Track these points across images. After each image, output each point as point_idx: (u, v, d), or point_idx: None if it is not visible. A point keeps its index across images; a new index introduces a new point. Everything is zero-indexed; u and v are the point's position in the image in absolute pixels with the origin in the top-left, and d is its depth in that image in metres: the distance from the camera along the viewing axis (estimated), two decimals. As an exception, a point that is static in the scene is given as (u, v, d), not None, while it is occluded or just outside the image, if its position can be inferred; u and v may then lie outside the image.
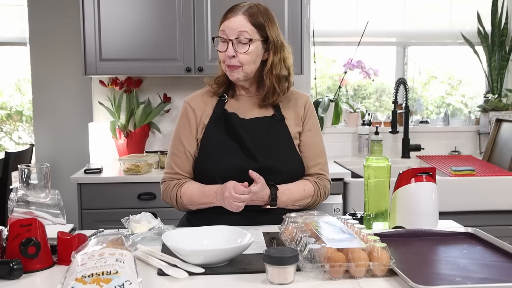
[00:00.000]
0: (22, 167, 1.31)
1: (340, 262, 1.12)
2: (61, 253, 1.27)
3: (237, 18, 1.58)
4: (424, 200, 1.52)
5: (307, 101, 1.75)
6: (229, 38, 1.58)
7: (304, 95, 1.77)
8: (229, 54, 1.58)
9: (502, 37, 3.36)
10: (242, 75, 1.61)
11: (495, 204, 2.62)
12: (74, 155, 3.32)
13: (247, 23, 1.58)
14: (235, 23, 1.57)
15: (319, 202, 1.71)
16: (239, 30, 1.57)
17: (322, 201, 1.72)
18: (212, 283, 1.13)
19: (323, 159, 1.74)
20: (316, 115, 1.76)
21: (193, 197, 1.61)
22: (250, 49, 1.58)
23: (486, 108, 3.31)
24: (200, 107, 1.69)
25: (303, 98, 1.75)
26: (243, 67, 1.60)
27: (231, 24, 1.58)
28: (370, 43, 3.39)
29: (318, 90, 3.40)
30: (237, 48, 1.58)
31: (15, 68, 4.35)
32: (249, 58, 1.59)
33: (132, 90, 3.09)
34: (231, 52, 1.58)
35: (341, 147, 3.34)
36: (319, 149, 1.73)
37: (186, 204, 1.63)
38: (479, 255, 1.31)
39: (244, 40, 1.57)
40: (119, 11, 2.78)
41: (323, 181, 1.71)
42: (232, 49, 1.57)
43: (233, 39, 1.57)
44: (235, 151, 1.61)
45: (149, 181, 2.60)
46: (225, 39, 1.59)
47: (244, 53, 1.58)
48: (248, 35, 1.57)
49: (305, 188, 1.65)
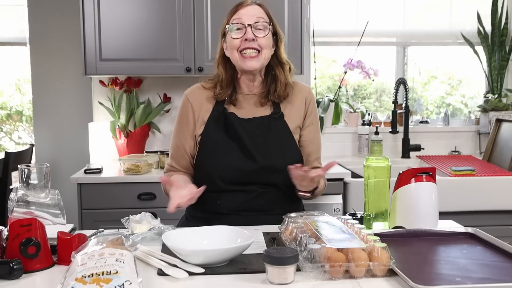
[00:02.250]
0: (22, 167, 1.31)
1: (340, 262, 1.12)
2: (61, 253, 1.27)
3: (253, 7, 1.61)
4: (424, 200, 1.52)
5: (308, 95, 1.74)
6: (247, 23, 1.58)
7: (305, 88, 1.75)
8: (249, 37, 1.57)
9: (502, 37, 3.36)
10: (260, 63, 1.61)
11: (495, 204, 2.62)
12: (74, 155, 3.32)
13: (263, 12, 1.62)
14: (252, 10, 1.60)
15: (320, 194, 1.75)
16: (257, 16, 1.59)
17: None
18: (212, 283, 1.13)
19: (320, 152, 1.78)
20: (316, 107, 1.77)
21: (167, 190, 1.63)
22: (268, 34, 1.60)
23: (486, 108, 3.31)
24: (199, 101, 1.69)
25: (304, 91, 1.74)
26: (262, 52, 1.60)
27: (248, 11, 1.60)
28: (370, 43, 3.39)
29: (318, 90, 3.40)
30: (255, 33, 1.58)
31: (15, 68, 4.35)
32: (267, 43, 1.61)
33: (132, 90, 3.09)
34: (250, 35, 1.57)
35: (341, 147, 3.34)
36: (318, 143, 1.76)
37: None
38: (479, 255, 1.31)
39: (263, 25, 1.59)
40: (119, 11, 2.78)
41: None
42: (251, 32, 1.57)
43: (252, 23, 1.58)
44: (235, 152, 1.61)
45: (149, 181, 2.60)
46: (241, 26, 1.59)
47: (264, 37, 1.59)
48: (266, 20, 1.60)
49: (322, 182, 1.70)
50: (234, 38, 1.59)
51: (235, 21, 1.59)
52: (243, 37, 1.58)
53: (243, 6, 1.61)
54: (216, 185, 1.60)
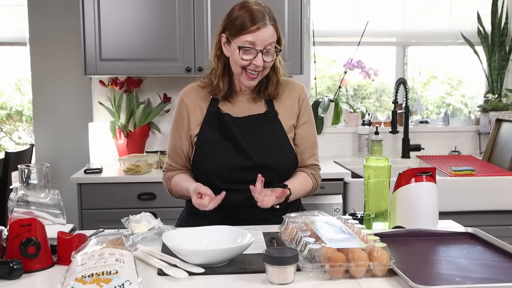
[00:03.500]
0: (22, 167, 1.31)
1: (340, 262, 1.12)
2: (61, 253, 1.27)
3: (268, 29, 1.56)
4: (424, 200, 1.52)
5: (301, 94, 1.74)
6: (258, 49, 1.56)
7: (298, 86, 1.75)
8: (258, 64, 1.56)
9: (502, 37, 3.36)
10: (258, 81, 1.63)
11: (495, 204, 2.62)
12: (74, 155, 3.32)
13: (275, 34, 1.58)
14: (266, 34, 1.55)
15: (314, 192, 1.76)
16: (270, 41, 1.56)
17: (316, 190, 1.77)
18: (212, 283, 1.13)
19: (316, 149, 1.77)
20: (310, 105, 1.77)
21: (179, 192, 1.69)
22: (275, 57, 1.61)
23: (486, 108, 3.31)
24: (193, 101, 1.70)
25: (297, 90, 1.74)
26: (262, 72, 1.61)
27: (263, 35, 1.55)
28: (370, 43, 3.39)
29: (318, 90, 3.40)
30: (265, 57, 1.58)
31: (15, 68, 4.35)
32: (271, 64, 1.62)
33: (132, 90, 3.09)
34: (260, 62, 1.56)
35: (341, 147, 3.34)
36: (313, 140, 1.75)
37: (178, 196, 1.73)
38: (479, 255, 1.31)
39: (272, 51, 1.58)
40: (119, 11, 2.78)
41: (317, 171, 1.76)
42: (261, 59, 1.57)
43: (264, 50, 1.57)
44: (230, 151, 1.62)
45: (149, 181, 2.60)
46: (253, 51, 1.56)
47: (271, 61, 1.60)
48: (276, 45, 1.59)
49: (307, 184, 1.70)
50: (244, 59, 1.57)
51: (248, 45, 1.55)
52: (251, 61, 1.57)
53: (260, 28, 1.55)
54: (213, 183, 1.60)
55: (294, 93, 1.73)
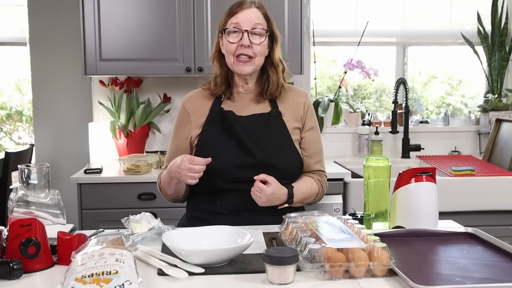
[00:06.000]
0: (22, 167, 1.31)
1: (340, 262, 1.12)
2: (61, 253, 1.27)
3: (251, 10, 1.60)
4: (424, 200, 1.52)
5: (306, 101, 1.75)
6: (244, 29, 1.58)
7: (302, 93, 1.77)
8: (244, 43, 1.58)
9: (502, 37, 3.36)
10: (253, 68, 1.63)
11: (495, 204, 2.62)
12: (74, 155, 3.32)
13: (261, 16, 1.62)
14: (250, 15, 1.59)
15: (320, 199, 1.75)
16: (255, 22, 1.59)
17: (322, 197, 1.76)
18: (212, 283, 1.13)
19: (322, 156, 1.78)
20: (314, 112, 1.78)
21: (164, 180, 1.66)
22: (264, 41, 1.61)
23: (486, 108, 3.31)
24: (195, 108, 1.71)
25: (301, 96, 1.75)
26: (255, 59, 1.61)
27: (247, 16, 1.59)
28: (370, 43, 3.39)
29: (318, 90, 3.40)
30: (252, 39, 1.59)
31: (15, 68, 4.35)
32: (262, 50, 1.62)
33: (132, 90, 3.09)
34: (246, 41, 1.58)
35: (341, 147, 3.34)
36: (319, 146, 1.76)
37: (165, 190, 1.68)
38: (479, 255, 1.31)
39: (259, 32, 1.60)
40: (119, 11, 2.78)
41: (323, 177, 1.76)
42: (247, 39, 1.58)
43: (249, 29, 1.58)
44: (232, 148, 1.62)
45: (149, 181, 2.60)
46: (238, 30, 1.59)
47: (259, 44, 1.60)
48: (263, 27, 1.61)
49: (312, 186, 1.69)
50: (231, 42, 1.60)
51: (233, 25, 1.60)
52: (239, 42, 1.59)
53: (243, 8, 1.60)
54: (215, 183, 1.60)
55: (299, 99, 1.74)
